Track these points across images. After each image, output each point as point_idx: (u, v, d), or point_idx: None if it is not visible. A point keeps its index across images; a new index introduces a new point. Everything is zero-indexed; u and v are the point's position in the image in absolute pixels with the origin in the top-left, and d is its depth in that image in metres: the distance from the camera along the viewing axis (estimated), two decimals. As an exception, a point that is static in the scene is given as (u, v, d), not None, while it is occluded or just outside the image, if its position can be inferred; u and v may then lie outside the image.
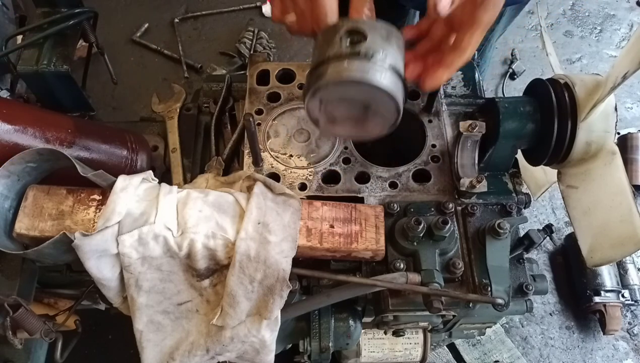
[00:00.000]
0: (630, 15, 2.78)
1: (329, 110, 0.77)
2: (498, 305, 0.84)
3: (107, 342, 1.80)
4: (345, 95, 0.73)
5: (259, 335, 0.80)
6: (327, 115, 0.78)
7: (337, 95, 0.73)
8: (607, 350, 1.94)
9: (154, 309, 0.82)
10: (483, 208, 0.95)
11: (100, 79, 1.92)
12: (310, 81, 0.73)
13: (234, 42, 2.51)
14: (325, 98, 0.74)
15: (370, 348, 1.17)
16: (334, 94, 0.73)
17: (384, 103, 0.72)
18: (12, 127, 0.81)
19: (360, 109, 0.75)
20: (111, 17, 2.60)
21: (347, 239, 0.85)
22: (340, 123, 0.79)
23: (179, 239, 0.78)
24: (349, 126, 0.80)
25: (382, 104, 0.73)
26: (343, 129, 0.81)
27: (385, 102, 0.72)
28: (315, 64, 0.73)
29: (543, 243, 2.11)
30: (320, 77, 0.71)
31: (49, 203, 0.81)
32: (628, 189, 0.86)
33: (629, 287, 1.92)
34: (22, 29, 1.04)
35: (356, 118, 0.77)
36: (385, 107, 0.73)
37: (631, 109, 2.48)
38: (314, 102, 0.75)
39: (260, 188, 0.85)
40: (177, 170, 1.06)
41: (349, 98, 0.73)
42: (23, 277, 0.84)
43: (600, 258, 0.89)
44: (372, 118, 0.76)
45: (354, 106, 0.75)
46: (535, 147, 0.98)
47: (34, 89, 1.08)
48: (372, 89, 0.70)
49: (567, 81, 0.92)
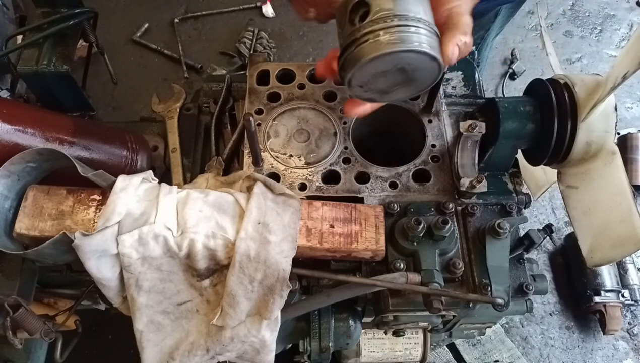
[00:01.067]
0: (630, 15, 2.78)
1: (373, 88, 0.78)
2: (498, 305, 0.84)
3: (107, 342, 1.80)
4: (375, 70, 0.73)
5: (259, 335, 0.80)
6: (376, 92, 0.80)
7: (368, 74, 0.74)
8: (607, 350, 1.94)
9: (154, 309, 0.82)
10: (483, 208, 0.95)
11: (100, 79, 1.92)
12: (341, 73, 0.76)
13: (234, 42, 2.51)
14: (360, 82, 0.76)
15: (370, 348, 1.17)
16: (364, 75, 0.74)
17: (414, 60, 0.72)
18: (12, 127, 0.81)
19: (399, 74, 0.76)
20: (111, 17, 2.60)
21: (347, 239, 0.85)
22: (392, 91, 0.80)
23: (179, 239, 0.78)
24: (402, 89, 0.80)
25: (413, 61, 0.72)
26: (399, 94, 0.82)
27: (415, 58, 0.72)
28: (340, 52, 0.75)
29: (543, 243, 2.11)
30: (344, 69, 0.73)
31: (49, 203, 0.81)
32: (628, 189, 0.86)
33: (629, 287, 1.92)
34: (22, 29, 1.04)
35: (403, 82, 0.78)
36: (418, 61, 0.73)
37: (631, 109, 2.48)
38: (354, 90, 0.78)
39: (260, 188, 0.85)
40: (177, 170, 1.06)
41: (381, 71, 0.74)
42: (23, 277, 0.84)
43: (600, 258, 0.89)
44: (416, 75, 0.76)
45: (392, 75, 0.75)
46: (535, 147, 0.98)
47: (34, 89, 1.08)
48: (391, 56, 0.70)
49: (567, 81, 0.92)
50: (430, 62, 0.73)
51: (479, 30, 1.41)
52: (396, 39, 0.69)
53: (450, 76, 1.13)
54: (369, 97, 0.81)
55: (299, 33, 2.63)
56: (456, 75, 1.13)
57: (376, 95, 0.81)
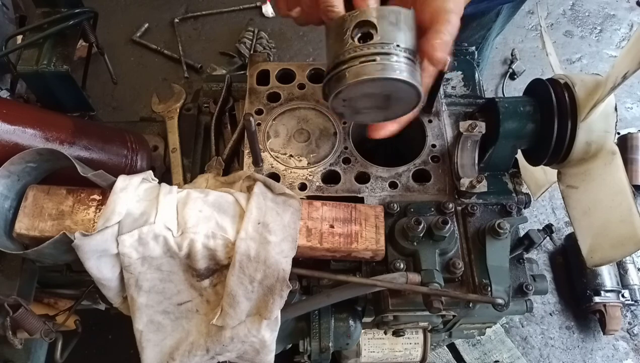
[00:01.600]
0: (630, 15, 2.78)
1: (352, 105, 0.82)
2: (498, 305, 0.84)
3: (107, 342, 1.80)
4: (366, 91, 0.78)
5: (259, 335, 0.80)
6: (351, 109, 0.84)
7: (358, 93, 0.78)
8: (607, 350, 1.94)
9: (154, 309, 0.82)
10: (483, 208, 0.95)
11: (100, 79, 1.92)
12: (331, 84, 0.78)
13: (234, 42, 2.52)
14: (347, 97, 0.79)
15: (370, 348, 1.17)
16: (354, 92, 0.78)
17: (404, 91, 0.77)
18: (12, 127, 0.81)
19: (382, 99, 0.80)
20: (111, 17, 2.60)
21: (347, 239, 0.85)
22: (364, 113, 0.85)
23: (179, 239, 0.78)
24: (374, 113, 0.85)
25: (402, 91, 0.77)
26: (368, 117, 0.87)
27: (405, 90, 0.77)
28: (332, 64, 0.77)
29: (543, 243, 2.11)
30: (340, 80, 0.76)
31: (49, 203, 0.81)
32: (628, 189, 0.86)
33: (629, 287, 1.92)
34: (22, 29, 1.04)
35: (379, 106, 0.83)
36: (405, 93, 0.78)
37: (631, 109, 2.48)
38: (337, 101, 0.81)
39: (260, 188, 0.85)
40: (177, 170, 1.06)
41: (370, 93, 0.78)
42: (23, 277, 0.84)
43: (600, 258, 0.89)
44: (395, 104, 0.82)
45: (375, 98, 0.80)
46: (535, 147, 0.98)
47: (34, 89, 1.08)
48: (390, 82, 0.74)
49: (567, 81, 0.92)
50: (415, 97, 0.79)
51: (480, 30, 1.41)
52: (403, 69, 0.74)
53: (450, 76, 1.13)
54: (341, 112, 0.85)
55: (299, 33, 2.63)
56: (456, 75, 1.13)
57: (349, 112, 0.85)
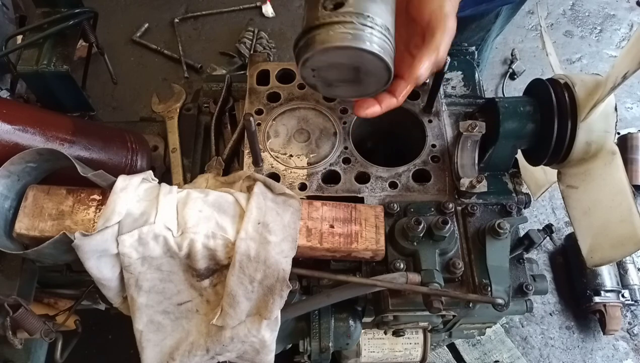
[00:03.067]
0: (630, 15, 2.78)
1: (323, 76, 0.80)
2: (498, 305, 0.84)
3: (107, 342, 1.80)
4: (334, 60, 0.76)
5: (259, 335, 0.80)
6: (323, 80, 0.82)
7: (326, 61, 0.76)
8: (607, 350, 1.94)
9: (154, 309, 0.82)
10: (483, 208, 0.95)
11: (100, 79, 1.92)
12: (299, 50, 0.76)
13: (234, 42, 2.51)
14: (315, 66, 0.77)
15: (370, 348, 1.17)
16: (322, 61, 0.76)
17: (372, 64, 0.75)
18: (12, 127, 0.81)
19: (351, 72, 0.78)
20: (111, 17, 2.60)
21: (347, 239, 0.85)
22: (337, 86, 0.83)
23: (179, 239, 0.78)
24: (346, 87, 0.83)
25: (371, 64, 0.75)
26: (341, 91, 0.85)
27: (374, 63, 0.75)
28: (302, 30, 0.76)
29: (543, 243, 2.11)
30: (307, 47, 0.74)
31: (49, 203, 0.81)
32: (628, 189, 0.86)
33: (629, 287, 1.92)
34: (22, 29, 1.04)
35: (350, 80, 0.81)
36: (375, 67, 0.76)
37: (631, 109, 2.48)
38: (306, 71, 0.79)
39: (260, 188, 0.85)
40: (177, 170, 1.06)
41: (339, 63, 0.76)
42: (23, 277, 0.84)
43: (600, 258, 0.89)
44: (365, 78, 0.80)
45: (345, 70, 0.78)
46: (535, 147, 0.98)
47: (34, 89, 1.08)
48: (357, 52, 0.73)
49: (567, 81, 0.92)
50: (385, 72, 0.77)
51: (479, 31, 1.41)
52: (372, 40, 0.72)
53: (450, 76, 1.13)
54: (313, 83, 0.83)
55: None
56: (456, 75, 1.13)
57: (321, 84, 0.83)
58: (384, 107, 0.86)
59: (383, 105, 0.86)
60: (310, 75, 0.80)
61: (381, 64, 0.75)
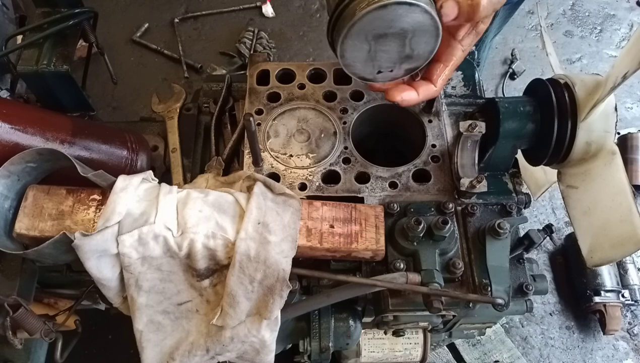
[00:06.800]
0: (630, 15, 2.77)
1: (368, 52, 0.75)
2: (498, 305, 0.84)
3: (107, 342, 1.80)
4: (378, 28, 0.71)
5: (259, 335, 0.80)
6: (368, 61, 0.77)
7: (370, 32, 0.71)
8: (607, 350, 1.94)
9: (154, 309, 0.82)
10: (483, 208, 0.95)
11: (100, 79, 1.92)
12: (337, 26, 0.72)
13: (234, 42, 2.51)
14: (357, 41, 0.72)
15: (370, 348, 1.17)
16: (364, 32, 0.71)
17: (418, 23, 0.70)
18: (12, 127, 0.81)
19: (398, 42, 0.73)
20: (111, 17, 2.60)
21: (347, 239, 0.85)
22: (392, 68, 0.78)
23: (179, 239, 0.78)
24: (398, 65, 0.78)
25: (417, 24, 0.70)
26: (399, 70, 0.79)
27: (420, 21, 0.70)
28: (334, 8, 0.72)
29: (543, 243, 2.11)
30: (346, 19, 0.70)
31: (49, 203, 0.81)
32: (628, 189, 0.86)
33: (629, 287, 1.92)
34: (22, 29, 1.04)
35: (399, 52, 0.75)
36: (421, 25, 0.71)
37: (631, 109, 2.48)
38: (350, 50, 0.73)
39: (260, 188, 0.85)
40: (177, 170, 1.06)
41: (382, 33, 0.71)
42: (23, 277, 0.84)
43: (600, 258, 0.89)
44: (414, 46, 0.74)
45: (391, 41, 0.73)
46: (535, 147, 0.98)
47: (34, 89, 1.08)
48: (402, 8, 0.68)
49: (567, 81, 0.92)
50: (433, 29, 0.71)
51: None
52: None
53: (450, 76, 1.13)
54: (359, 73, 0.78)
55: (299, 33, 2.63)
56: (456, 75, 1.13)
57: (368, 67, 0.78)
58: (422, 95, 0.81)
59: (420, 92, 0.80)
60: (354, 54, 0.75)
61: (428, 18, 0.69)
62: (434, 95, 0.83)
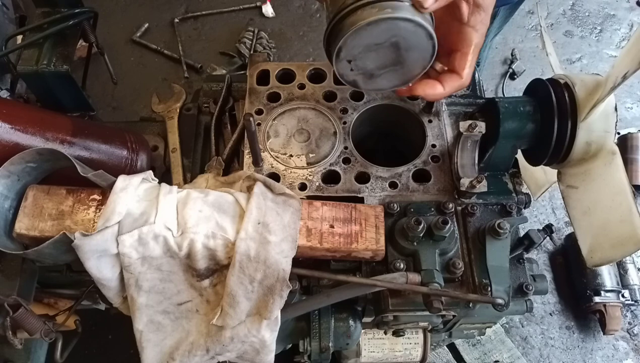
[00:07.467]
0: (630, 15, 2.77)
1: (361, 66, 0.76)
2: (498, 305, 0.84)
3: (107, 342, 1.80)
4: (369, 42, 0.71)
5: (259, 335, 0.80)
6: (362, 72, 0.77)
7: (361, 45, 0.72)
8: (607, 350, 1.94)
9: (154, 309, 0.82)
10: (483, 208, 0.95)
11: (100, 79, 1.92)
12: (330, 41, 0.73)
13: (234, 42, 2.51)
14: (350, 54, 0.73)
15: (370, 348, 1.17)
16: (357, 45, 0.71)
17: (412, 35, 0.70)
18: (12, 127, 0.81)
19: (391, 52, 0.74)
20: (111, 17, 2.60)
21: (347, 239, 0.85)
22: (379, 76, 0.78)
23: (179, 239, 0.78)
24: (390, 75, 0.78)
25: (411, 36, 0.70)
26: (385, 80, 0.80)
27: (414, 33, 0.70)
28: (329, 22, 0.72)
29: (543, 243, 2.11)
30: (339, 33, 0.71)
31: (49, 203, 0.81)
32: (628, 189, 0.86)
33: (629, 287, 1.92)
34: (22, 29, 1.04)
35: (392, 63, 0.76)
36: (415, 38, 0.71)
37: (631, 109, 2.48)
38: (342, 64, 0.74)
39: (260, 188, 0.85)
40: (177, 170, 1.06)
41: (375, 44, 0.72)
42: (23, 277, 0.84)
43: (600, 258, 0.89)
44: (407, 56, 0.74)
45: (383, 52, 0.73)
46: (535, 147, 0.98)
47: (34, 89, 1.08)
48: (393, 23, 0.68)
49: (567, 81, 0.92)
50: (428, 43, 0.71)
51: None
52: (396, 8, 0.68)
53: (450, 76, 1.13)
54: (352, 79, 0.79)
55: (299, 33, 2.63)
56: (456, 75, 1.13)
57: (361, 78, 0.79)
58: (448, 88, 0.79)
59: (447, 86, 0.79)
60: (348, 68, 0.75)
61: (422, 32, 0.69)
62: (461, 86, 0.81)
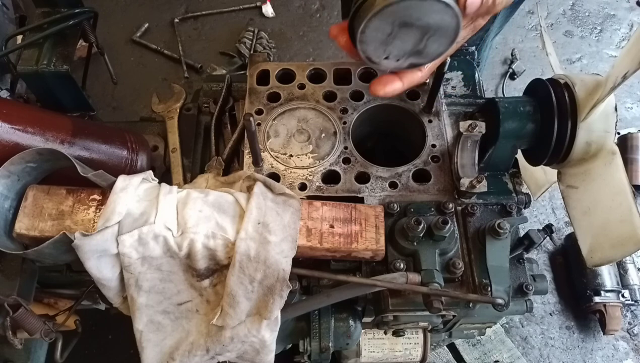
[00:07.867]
0: (630, 15, 2.77)
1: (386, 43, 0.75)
2: (498, 305, 0.84)
3: (107, 342, 1.80)
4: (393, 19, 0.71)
5: (259, 335, 0.80)
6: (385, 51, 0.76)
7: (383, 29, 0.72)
8: (607, 350, 1.94)
9: (154, 309, 0.82)
10: (483, 208, 0.95)
11: (100, 79, 1.92)
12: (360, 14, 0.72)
13: (234, 42, 2.51)
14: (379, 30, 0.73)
15: (370, 348, 1.17)
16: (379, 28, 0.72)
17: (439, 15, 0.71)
18: (12, 127, 0.81)
19: (417, 35, 0.74)
20: (111, 17, 2.60)
21: (347, 239, 0.85)
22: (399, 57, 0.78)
23: (179, 239, 0.78)
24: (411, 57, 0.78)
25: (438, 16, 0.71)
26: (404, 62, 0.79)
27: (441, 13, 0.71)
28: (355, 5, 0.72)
29: (543, 243, 2.11)
30: (362, 14, 0.71)
31: (49, 203, 0.81)
32: (628, 189, 0.86)
33: (629, 287, 1.92)
34: (22, 29, 1.05)
35: (415, 46, 0.76)
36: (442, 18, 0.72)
37: (631, 109, 2.48)
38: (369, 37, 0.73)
39: (260, 188, 0.85)
40: (177, 170, 1.06)
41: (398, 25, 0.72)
42: (23, 277, 0.84)
43: (600, 258, 0.89)
44: (432, 39, 0.75)
45: (410, 33, 0.73)
46: (535, 147, 0.98)
47: (34, 89, 1.08)
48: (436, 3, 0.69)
49: (567, 81, 0.92)
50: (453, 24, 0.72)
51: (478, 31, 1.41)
52: None
53: (450, 76, 1.13)
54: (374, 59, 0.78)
55: (299, 33, 2.63)
56: (456, 75, 1.13)
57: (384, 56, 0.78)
58: (407, 83, 0.80)
59: (405, 81, 0.79)
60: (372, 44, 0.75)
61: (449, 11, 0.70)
62: (419, 81, 0.82)
